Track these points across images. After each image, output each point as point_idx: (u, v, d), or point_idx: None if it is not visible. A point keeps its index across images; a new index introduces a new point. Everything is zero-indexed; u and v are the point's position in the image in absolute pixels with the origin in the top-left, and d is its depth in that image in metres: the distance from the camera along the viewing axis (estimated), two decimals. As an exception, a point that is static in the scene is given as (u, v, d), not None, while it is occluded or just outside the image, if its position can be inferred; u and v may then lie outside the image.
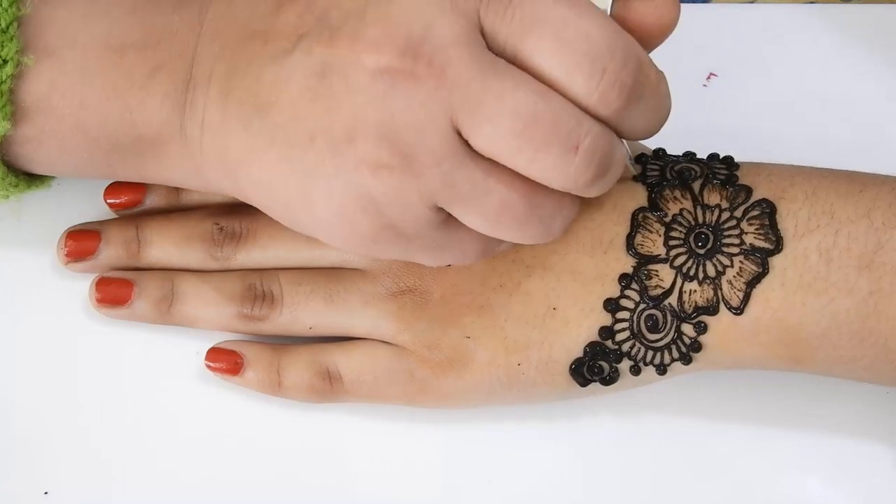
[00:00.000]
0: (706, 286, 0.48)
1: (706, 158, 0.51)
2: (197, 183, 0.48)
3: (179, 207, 0.53)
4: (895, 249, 0.47)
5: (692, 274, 0.49)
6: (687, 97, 0.49)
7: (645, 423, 0.53)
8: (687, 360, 0.49)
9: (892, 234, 0.47)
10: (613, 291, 0.49)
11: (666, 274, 0.49)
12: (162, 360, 0.53)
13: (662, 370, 0.50)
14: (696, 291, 0.49)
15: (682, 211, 0.49)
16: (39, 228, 0.53)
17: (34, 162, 0.48)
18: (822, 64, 0.59)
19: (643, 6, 0.44)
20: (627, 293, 0.49)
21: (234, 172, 0.46)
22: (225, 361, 0.52)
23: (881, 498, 0.52)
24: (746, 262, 0.48)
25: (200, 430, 0.52)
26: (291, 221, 0.46)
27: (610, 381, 0.50)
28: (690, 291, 0.49)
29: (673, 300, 0.49)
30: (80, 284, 0.53)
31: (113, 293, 0.52)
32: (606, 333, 0.49)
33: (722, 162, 0.50)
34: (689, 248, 0.49)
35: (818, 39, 0.60)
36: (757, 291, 0.48)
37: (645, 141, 0.47)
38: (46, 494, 0.51)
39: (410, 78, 0.42)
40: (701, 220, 0.49)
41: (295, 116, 0.43)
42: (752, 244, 0.48)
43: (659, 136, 0.46)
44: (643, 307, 0.49)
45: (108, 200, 0.53)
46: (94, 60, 0.46)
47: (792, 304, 0.48)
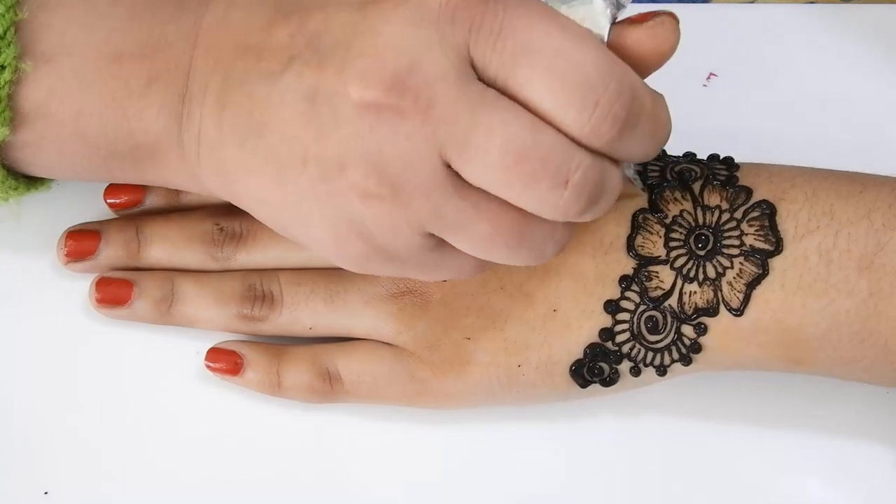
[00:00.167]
0: (706, 287, 0.48)
1: (706, 159, 0.51)
2: (195, 188, 0.48)
3: (179, 208, 0.53)
4: (895, 251, 0.47)
5: (692, 275, 0.49)
6: (687, 97, 0.49)
7: (645, 423, 0.53)
8: (687, 361, 0.49)
9: (892, 235, 0.47)
10: (614, 293, 0.49)
11: (666, 275, 0.49)
12: (162, 360, 0.53)
13: (662, 371, 0.50)
14: (696, 293, 0.49)
15: (682, 212, 0.49)
16: (39, 229, 0.53)
17: (34, 166, 0.48)
18: (821, 64, 0.59)
19: (641, 33, 0.43)
20: (628, 294, 0.49)
21: (230, 185, 0.46)
22: (225, 362, 0.52)
23: (881, 499, 0.52)
24: (746, 263, 0.48)
25: (200, 430, 0.52)
26: (288, 236, 0.46)
27: (610, 382, 0.50)
28: (690, 293, 0.49)
29: (673, 301, 0.49)
30: (80, 284, 0.53)
31: (113, 293, 0.52)
32: (607, 335, 0.49)
33: (722, 163, 0.50)
34: (689, 249, 0.49)
35: (818, 39, 0.60)
36: (757, 293, 0.48)
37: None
38: (46, 494, 0.51)
39: (397, 113, 0.41)
40: (701, 221, 0.49)
41: (287, 139, 0.43)
42: (752, 245, 0.48)
43: (659, 137, 0.46)
44: (643, 308, 0.49)
45: (108, 200, 0.53)
46: (92, 68, 0.46)
47: (792, 305, 0.48)
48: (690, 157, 0.51)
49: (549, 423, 0.53)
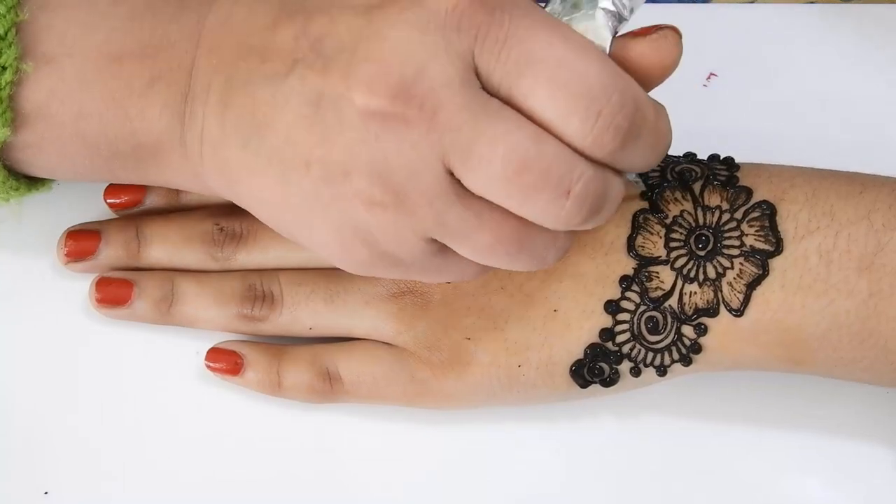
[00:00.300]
0: (706, 288, 0.48)
1: (707, 159, 0.51)
2: (198, 188, 0.48)
3: (179, 207, 0.53)
4: (895, 251, 0.47)
5: (692, 275, 0.49)
6: (687, 97, 0.49)
7: (645, 424, 0.53)
8: (687, 361, 0.49)
9: (892, 235, 0.47)
10: (614, 293, 0.49)
11: (666, 275, 0.49)
12: (162, 360, 0.53)
13: (662, 371, 0.50)
14: (696, 293, 0.49)
15: (682, 212, 0.49)
16: (40, 229, 0.53)
17: (35, 167, 0.48)
18: (822, 64, 0.59)
19: (644, 46, 0.43)
20: (628, 295, 0.49)
21: (233, 185, 0.46)
22: (225, 362, 0.52)
23: (882, 499, 0.52)
24: (746, 263, 0.48)
25: (200, 430, 0.52)
26: (290, 238, 0.46)
27: (610, 382, 0.50)
28: (691, 293, 0.49)
29: (673, 302, 0.49)
30: (80, 284, 0.53)
31: (113, 293, 0.52)
32: (607, 335, 0.49)
33: (722, 163, 0.50)
34: (689, 249, 0.49)
35: (818, 39, 0.60)
36: (757, 293, 0.48)
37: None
38: (46, 494, 0.51)
39: (402, 122, 0.41)
40: (701, 221, 0.49)
41: (291, 141, 0.43)
42: (752, 246, 0.48)
43: (660, 137, 0.46)
44: (644, 309, 0.49)
45: (108, 200, 0.53)
46: (92, 68, 0.46)
47: (792, 305, 0.48)
48: (691, 157, 0.51)
49: (549, 423, 0.53)
